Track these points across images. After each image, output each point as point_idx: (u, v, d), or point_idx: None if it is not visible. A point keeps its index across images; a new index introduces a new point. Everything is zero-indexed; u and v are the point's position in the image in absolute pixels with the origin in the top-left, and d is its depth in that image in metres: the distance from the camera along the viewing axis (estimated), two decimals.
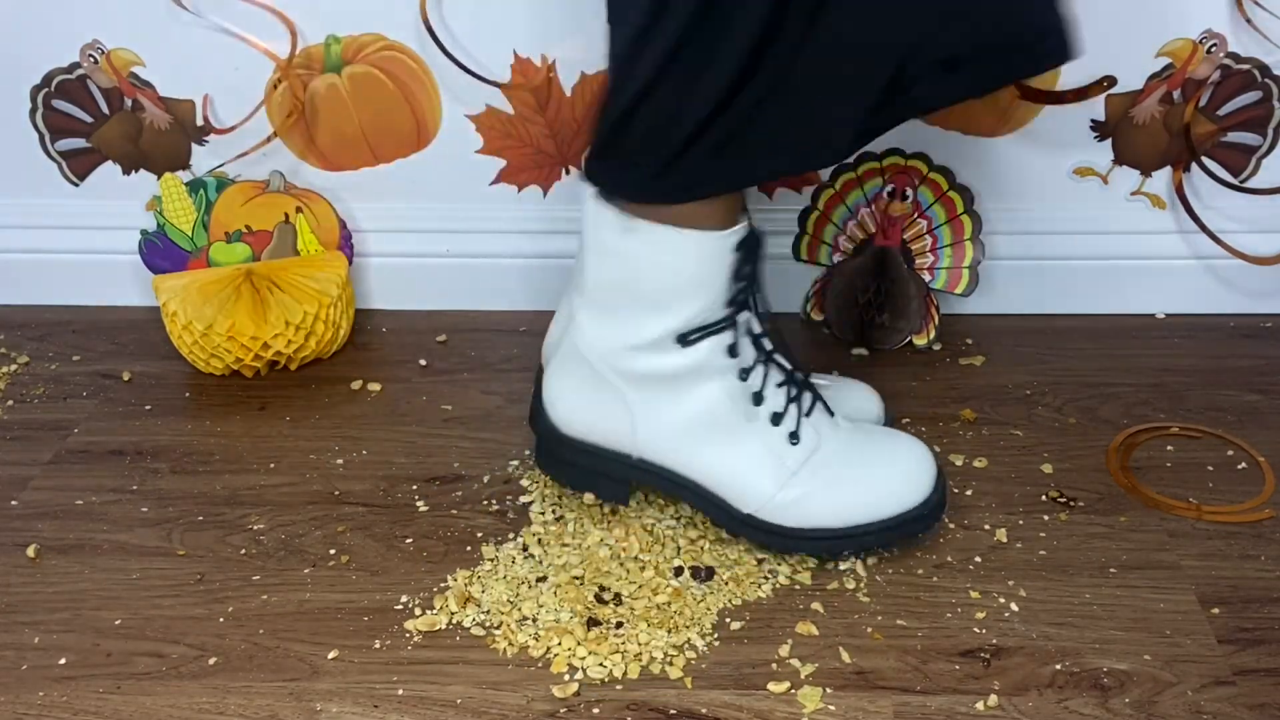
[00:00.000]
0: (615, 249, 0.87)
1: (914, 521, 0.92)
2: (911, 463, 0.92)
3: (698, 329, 0.88)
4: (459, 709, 0.84)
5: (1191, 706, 0.82)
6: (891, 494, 0.91)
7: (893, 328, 1.20)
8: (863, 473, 0.91)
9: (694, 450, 0.92)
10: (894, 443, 0.94)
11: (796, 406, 0.91)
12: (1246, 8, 1.12)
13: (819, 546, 0.92)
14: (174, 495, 1.04)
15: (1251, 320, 1.24)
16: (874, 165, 1.21)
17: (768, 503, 0.91)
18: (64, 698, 0.85)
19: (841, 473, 0.91)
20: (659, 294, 0.87)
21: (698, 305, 0.87)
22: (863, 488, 0.91)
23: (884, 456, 0.93)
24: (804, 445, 0.91)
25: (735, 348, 0.90)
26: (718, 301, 0.88)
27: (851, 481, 0.91)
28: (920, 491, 0.92)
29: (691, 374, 0.90)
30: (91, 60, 1.21)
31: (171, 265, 1.24)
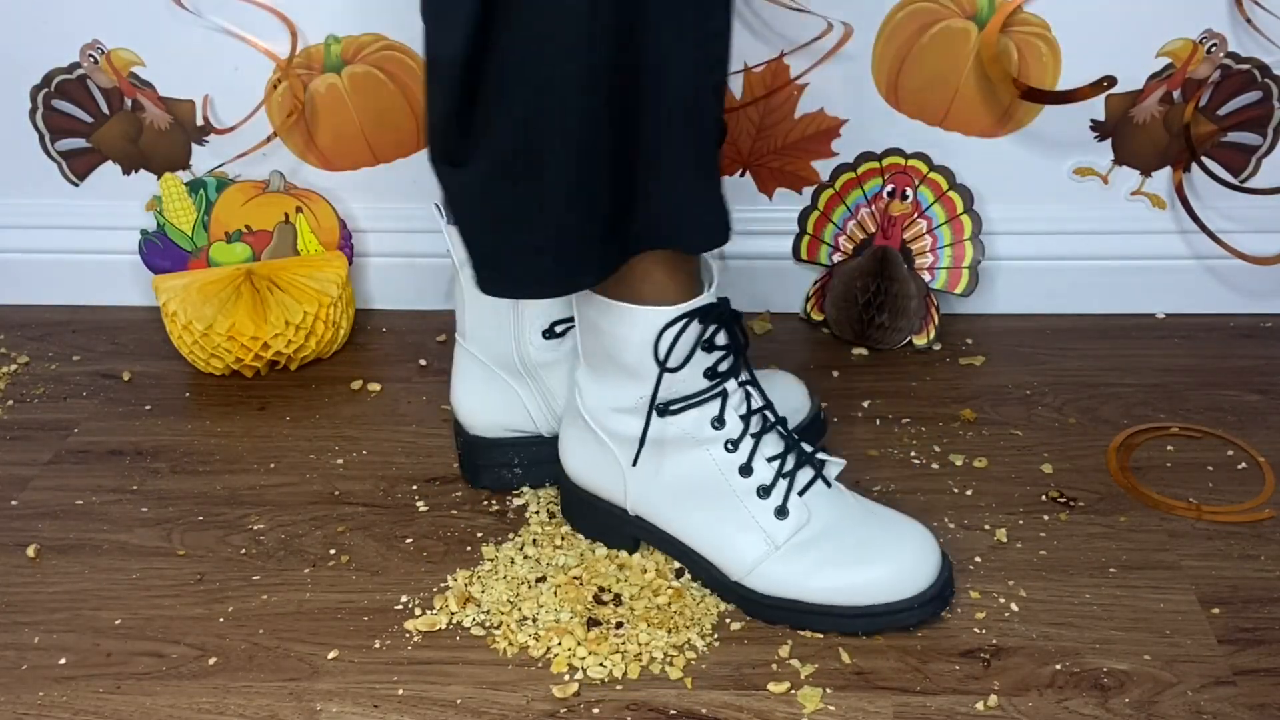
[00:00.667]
0: (587, 317, 0.88)
1: (903, 613, 0.87)
2: (913, 555, 0.88)
3: (678, 399, 0.88)
4: (459, 709, 0.84)
5: (1191, 706, 0.82)
6: (885, 583, 0.87)
7: (893, 328, 1.20)
8: (858, 556, 0.88)
9: (683, 514, 0.91)
10: (899, 531, 0.89)
11: (787, 482, 0.89)
12: (1246, 8, 1.12)
13: (803, 621, 0.88)
14: (174, 495, 1.04)
15: (1251, 320, 1.24)
16: (874, 165, 1.21)
17: (752, 573, 0.89)
18: (64, 698, 0.85)
19: (832, 553, 0.88)
20: (628, 364, 0.87)
21: (668, 377, 0.86)
22: (852, 572, 0.87)
23: (885, 545, 0.88)
24: (792, 520, 0.88)
25: (721, 419, 0.88)
26: (693, 373, 0.87)
27: (842, 564, 0.87)
28: (917, 584, 0.87)
29: (675, 441, 0.89)
30: (91, 60, 1.21)
31: (171, 265, 1.24)
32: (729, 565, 0.90)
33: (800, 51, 1.17)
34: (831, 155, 1.23)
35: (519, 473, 1.03)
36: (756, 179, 1.24)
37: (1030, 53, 1.16)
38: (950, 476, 1.04)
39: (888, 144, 1.21)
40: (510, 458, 1.02)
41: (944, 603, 0.88)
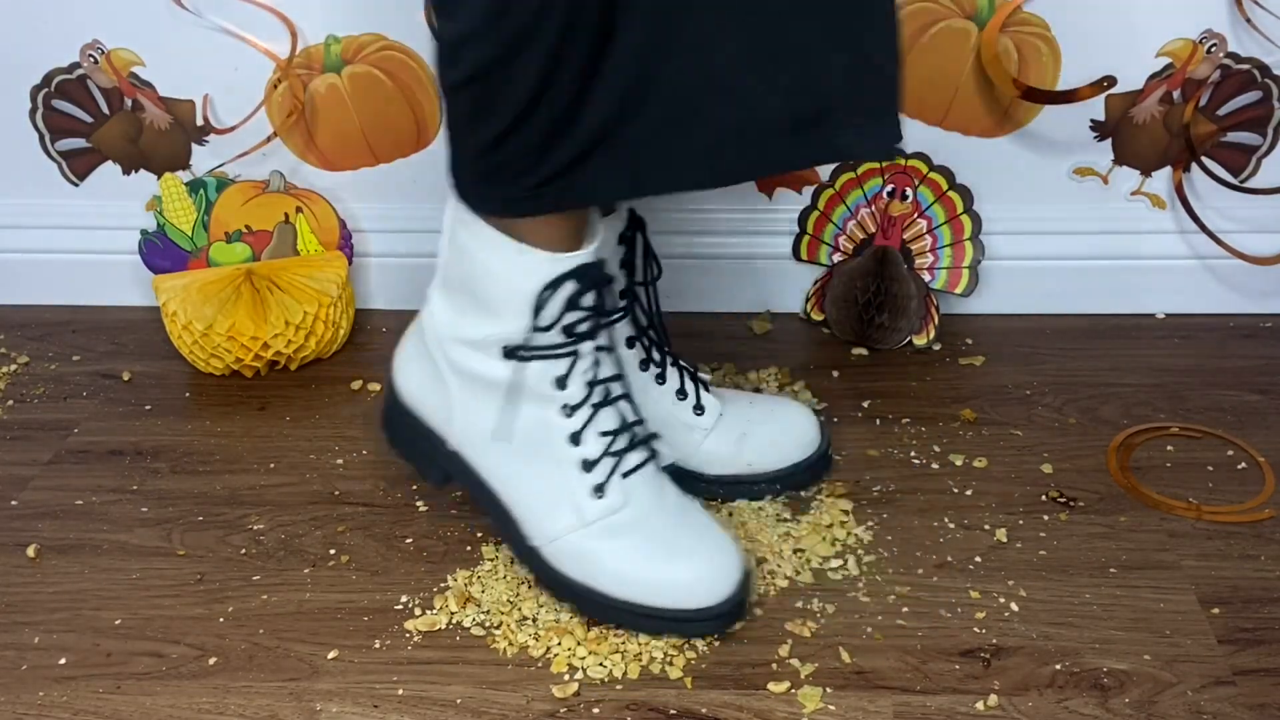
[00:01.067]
0: (460, 242, 0.86)
1: (690, 623, 0.86)
2: (714, 567, 0.86)
3: (530, 348, 0.85)
4: (459, 709, 0.84)
5: (1191, 706, 0.82)
6: (679, 586, 0.86)
7: (893, 328, 1.20)
8: (660, 552, 0.87)
9: (502, 463, 0.89)
10: (708, 540, 0.88)
11: (614, 461, 0.87)
12: (1246, 8, 1.12)
13: (587, 606, 0.88)
14: (174, 495, 1.04)
15: (1251, 320, 1.24)
16: (874, 165, 1.21)
17: (552, 543, 0.88)
18: (64, 698, 0.85)
19: (639, 544, 0.87)
20: (490, 299, 0.85)
21: (525, 322, 0.84)
22: (652, 568, 0.86)
23: (691, 550, 0.87)
24: (606, 502, 0.87)
25: (565, 380, 0.86)
26: (552, 326, 0.84)
27: (644, 558, 0.86)
28: (712, 596, 0.86)
29: (514, 390, 0.87)
30: (91, 60, 1.21)
31: (171, 265, 1.24)
32: (532, 528, 0.89)
33: None
34: None
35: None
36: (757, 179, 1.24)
37: (1030, 53, 1.16)
38: (950, 476, 1.04)
39: None
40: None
41: (732, 620, 0.87)
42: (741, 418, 1.00)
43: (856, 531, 0.97)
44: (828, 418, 1.11)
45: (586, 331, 0.86)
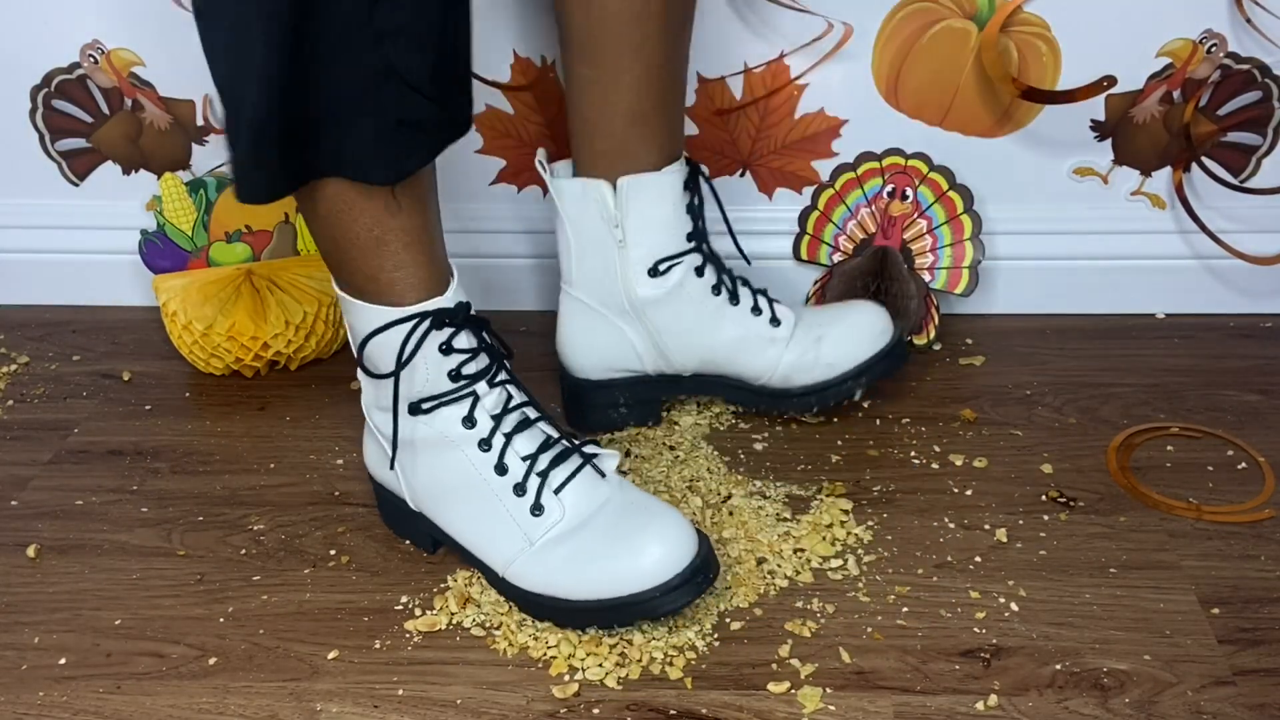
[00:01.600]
0: (343, 316, 0.93)
1: (648, 603, 0.85)
2: (665, 541, 0.86)
3: (428, 398, 0.89)
4: (459, 709, 0.84)
5: (1191, 706, 0.82)
6: (637, 570, 0.86)
7: None
8: (609, 546, 0.87)
9: (450, 509, 0.92)
10: (654, 520, 0.88)
11: (540, 479, 0.89)
12: (1246, 8, 1.12)
13: (562, 617, 0.89)
14: (174, 495, 1.04)
15: (1251, 320, 1.24)
16: (874, 165, 1.21)
17: (510, 567, 0.89)
18: (64, 698, 0.85)
19: (586, 545, 0.88)
20: (375, 362, 0.89)
21: (413, 377, 0.88)
22: (606, 563, 0.87)
23: (637, 532, 0.87)
24: (545, 518, 0.88)
25: (471, 419, 0.89)
26: (437, 373, 0.88)
27: (595, 556, 0.87)
28: (671, 568, 0.86)
29: (429, 441, 0.90)
30: (91, 60, 1.21)
31: (171, 265, 1.24)
32: (492, 560, 0.91)
33: (800, 51, 1.17)
34: (831, 155, 1.23)
35: (624, 412, 1.09)
36: (756, 179, 1.24)
37: (1030, 53, 1.16)
38: (950, 476, 1.04)
39: (888, 144, 1.21)
40: (617, 398, 1.08)
41: (696, 589, 0.86)
42: (815, 323, 1.07)
43: (856, 531, 0.97)
44: (827, 419, 1.11)
45: (477, 373, 0.89)
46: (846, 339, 1.06)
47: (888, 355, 1.07)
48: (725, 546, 0.96)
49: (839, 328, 1.06)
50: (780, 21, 1.16)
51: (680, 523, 0.87)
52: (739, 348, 1.05)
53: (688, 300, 1.03)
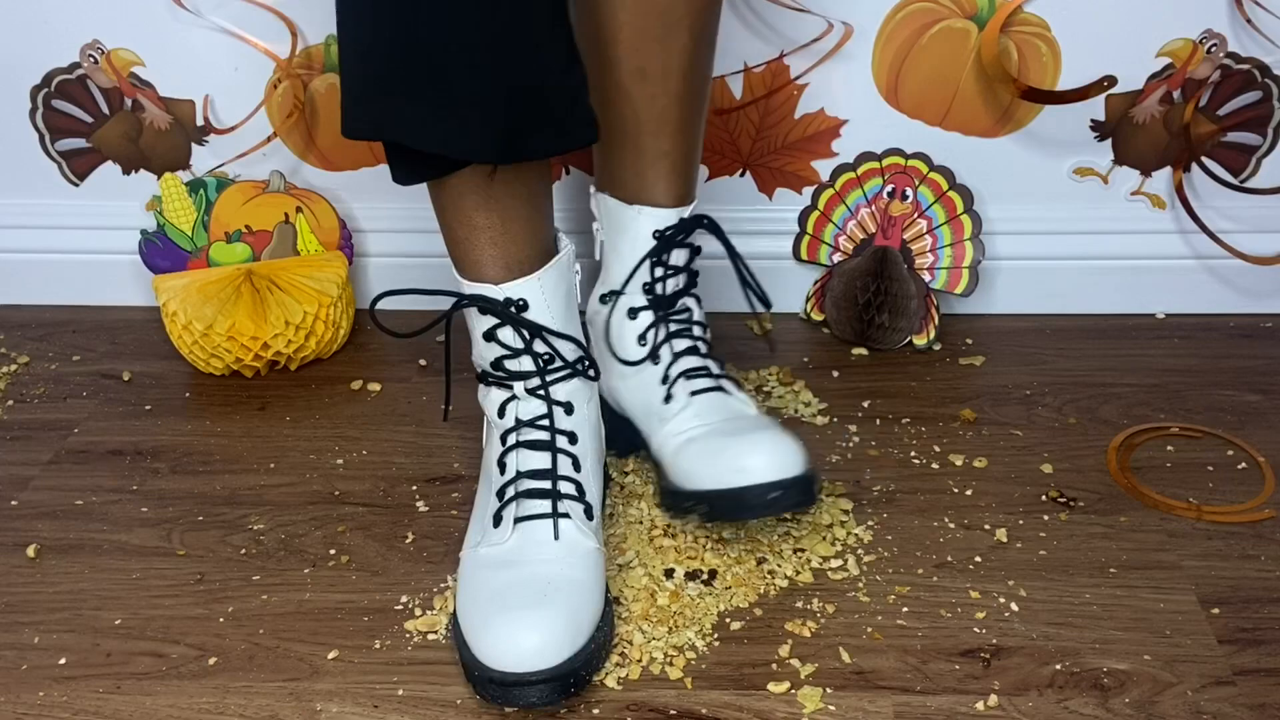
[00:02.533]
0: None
1: (490, 683, 0.81)
2: (513, 639, 0.81)
3: (484, 375, 0.93)
4: (459, 709, 0.84)
5: (1191, 706, 0.82)
6: (484, 649, 0.82)
7: (893, 328, 1.20)
8: (489, 607, 0.83)
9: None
10: (538, 610, 0.82)
11: (514, 500, 0.89)
12: (1246, 8, 1.12)
13: (455, 620, 0.87)
14: (174, 495, 1.04)
15: (1251, 320, 1.24)
16: (874, 165, 1.21)
17: (462, 552, 0.90)
18: (64, 698, 0.85)
19: (483, 589, 0.85)
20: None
21: (477, 350, 0.93)
22: (476, 618, 0.83)
23: (514, 614, 0.82)
24: (496, 533, 0.88)
25: (503, 409, 0.92)
26: (490, 352, 0.92)
27: (478, 605, 0.84)
28: (503, 664, 0.81)
29: (485, 407, 0.95)
30: (91, 60, 1.21)
31: (171, 265, 1.24)
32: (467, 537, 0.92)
33: (800, 51, 1.17)
34: (831, 155, 1.23)
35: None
36: (756, 179, 1.24)
37: (1030, 53, 1.16)
38: (950, 476, 1.04)
39: (888, 144, 1.21)
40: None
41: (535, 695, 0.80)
42: (707, 424, 0.96)
43: (856, 531, 0.97)
44: (828, 419, 1.11)
45: (516, 372, 0.91)
46: (701, 456, 0.94)
47: (735, 498, 0.91)
48: (725, 547, 0.96)
49: (708, 444, 0.94)
50: (780, 21, 1.16)
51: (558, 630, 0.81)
52: (644, 411, 1.00)
53: (611, 337, 1.01)
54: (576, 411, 0.92)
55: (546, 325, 0.90)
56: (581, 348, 0.93)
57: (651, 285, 0.99)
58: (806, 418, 1.11)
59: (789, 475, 0.90)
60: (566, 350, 0.92)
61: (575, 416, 0.92)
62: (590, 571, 0.86)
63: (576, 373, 0.93)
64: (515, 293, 0.89)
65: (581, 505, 0.90)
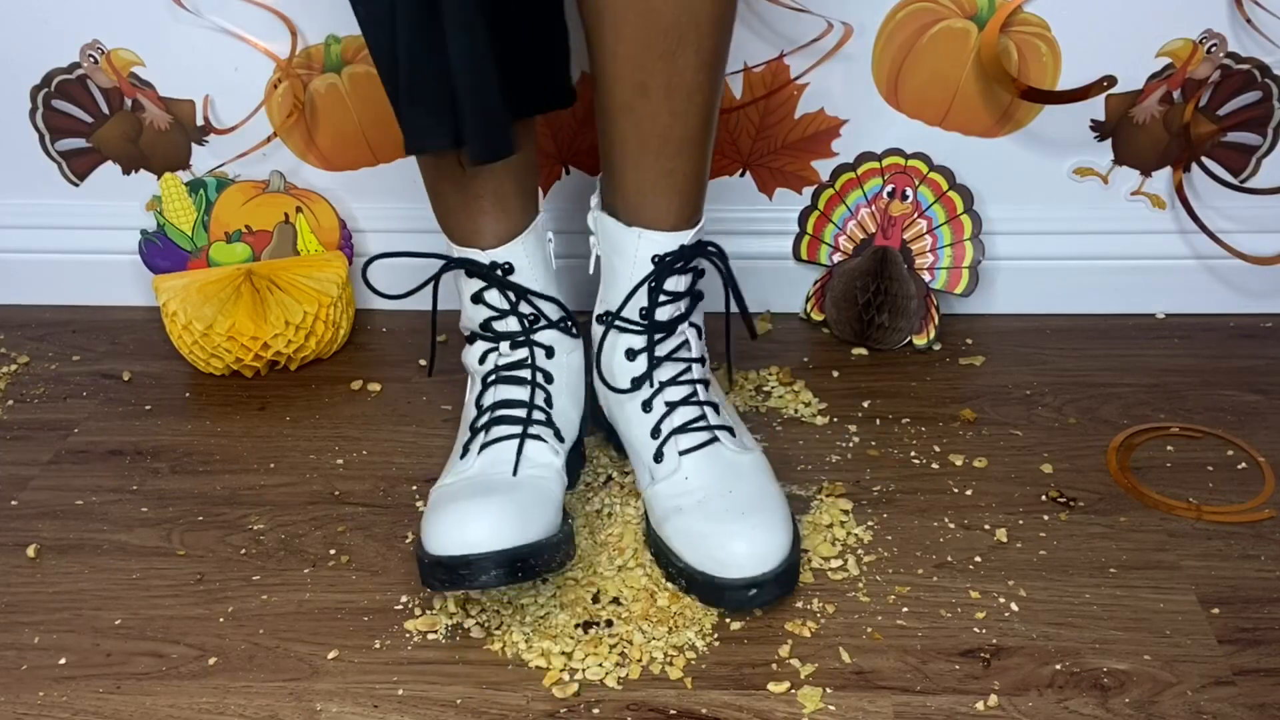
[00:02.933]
0: None
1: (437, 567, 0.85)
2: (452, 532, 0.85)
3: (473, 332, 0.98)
4: (459, 709, 0.84)
5: (1191, 706, 0.82)
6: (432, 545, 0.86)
7: (893, 328, 1.20)
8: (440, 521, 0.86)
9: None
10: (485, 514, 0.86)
11: (484, 432, 0.94)
12: (1246, 8, 1.12)
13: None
14: (174, 495, 1.04)
15: (1251, 320, 1.24)
16: (874, 165, 1.21)
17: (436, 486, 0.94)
18: (64, 698, 0.85)
19: (440, 516, 0.87)
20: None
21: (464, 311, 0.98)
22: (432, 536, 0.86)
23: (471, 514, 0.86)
24: (462, 462, 0.93)
25: (484, 357, 0.97)
26: (478, 314, 0.96)
27: (431, 526, 0.87)
28: (447, 548, 0.85)
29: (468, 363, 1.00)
30: (91, 60, 1.21)
31: (171, 265, 1.24)
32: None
33: (800, 51, 1.17)
34: (831, 155, 1.23)
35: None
36: (756, 179, 1.24)
37: (1030, 53, 1.16)
38: (950, 476, 1.04)
39: (888, 144, 1.21)
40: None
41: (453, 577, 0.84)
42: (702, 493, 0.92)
43: (856, 531, 0.97)
44: (828, 419, 1.11)
45: (503, 332, 0.96)
46: (685, 536, 0.90)
47: (713, 588, 0.88)
48: None
49: (692, 524, 0.90)
50: (780, 21, 1.16)
51: (509, 516, 0.85)
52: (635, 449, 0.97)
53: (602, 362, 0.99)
54: (556, 356, 0.97)
55: (530, 287, 0.96)
56: (563, 308, 0.98)
57: (649, 311, 0.95)
58: (806, 418, 1.11)
59: (768, 569, 0.86)
60: (550, 311, 0.97)
61: (554, 360, 0.97)
62: (549, 478, 0.91)
63: (556, 327, 0.98)
64: (502, 256, 0.95)
65: (551, 429, 0.94)
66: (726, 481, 0.92)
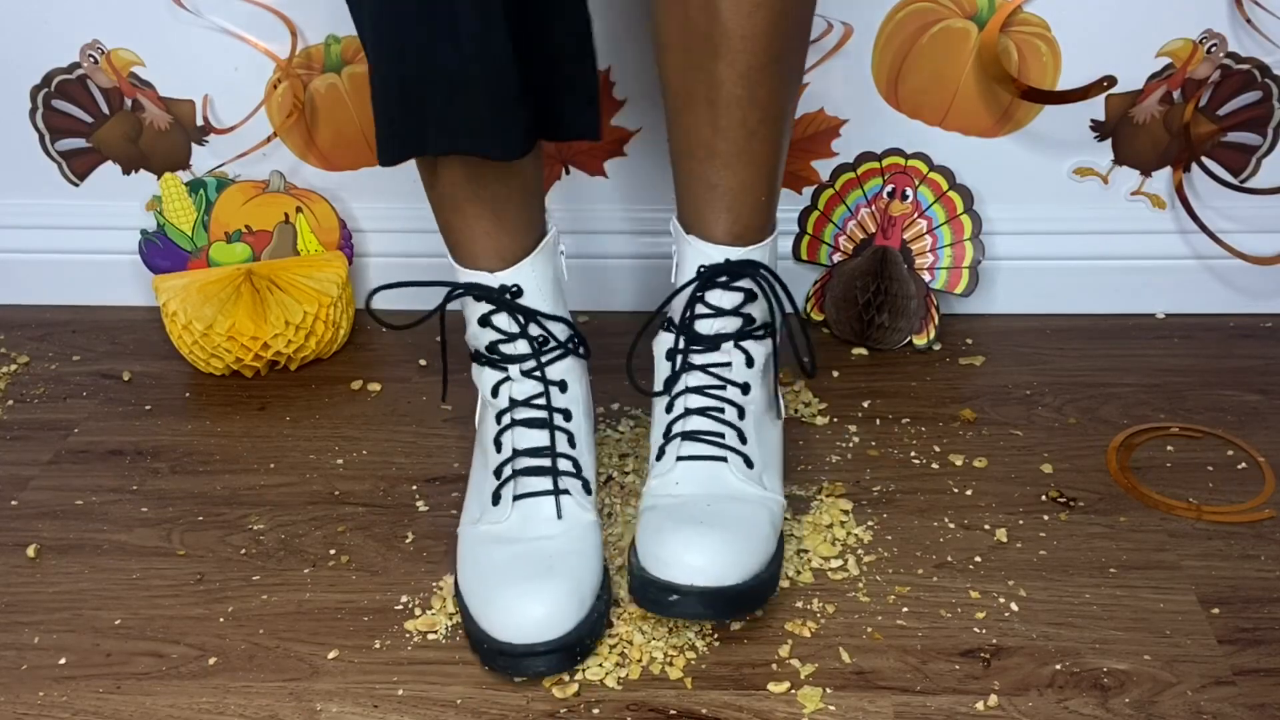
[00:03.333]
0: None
1: (498, 655, 0.84)
2: (526, 611, 0.83)
3: (477, 355, 0.95)
4: (459, 709, 0.84)
5: (1191, 706, 0.82)
6: (494, 618, 0.84)
7: (893, 328, 1.20)
8: (493, 579, 0.86)
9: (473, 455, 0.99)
10: (546, 585, 0.85)
11: (511, 479, 0.91)
12: (1246, 8, 1.12)
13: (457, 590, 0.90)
14: (174, 495, 1.04)
15: (1251, 320, 1.24)
16: (874, 165, 1.21)
17: (461, 529, 0.93)
18: (64, 698, 0.85)
19: (491, 562, 0.87)
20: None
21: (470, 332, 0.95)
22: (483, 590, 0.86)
23: (520, 589, 0.84)
24: (495, 510, 0.90)
25: (497, 389, 0.93)
26: (485, 335, 0.93)
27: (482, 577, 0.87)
28: (517, 636, 0.83)
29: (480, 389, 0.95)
30: (91, 60, 1.21)
31: (171, 265, 1.24)
32: (467, 508, 0.95)
33: None
34: (831, 155, 1.23)
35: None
36: None
37: (1030, 53, 1.16)
38: (950, 476, 1.04)
39: (888, 144, 1.21)
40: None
41: (533, 666, 0.83)
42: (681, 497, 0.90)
43: (856, 531, 0.97)
44: (828, 419, 1.11)
45: (511, 355, 0.92)
46: (645, 530, 0.88)
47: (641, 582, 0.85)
48: None
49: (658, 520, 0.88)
50: None
51: (568, 604, 0.83)
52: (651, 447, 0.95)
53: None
54: (570, 389, 0.95)
55: (539, 309, 0.93)
56: (571, 326, 0.96)
57: (688, 321, 0.92)
58: (806, 418, 1.11)
59: (703, 584, 0.82)
60: (558, 331, 0.94)
61: (569, 394, 0.94)
62: (590, 543, 0.89)
63: (569, 352, 0.95)
64: (509, 279, 0.92)
65: (579, 481, 0.93)
66: (716, 499, 0.89)
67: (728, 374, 0.92)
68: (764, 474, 0.92)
